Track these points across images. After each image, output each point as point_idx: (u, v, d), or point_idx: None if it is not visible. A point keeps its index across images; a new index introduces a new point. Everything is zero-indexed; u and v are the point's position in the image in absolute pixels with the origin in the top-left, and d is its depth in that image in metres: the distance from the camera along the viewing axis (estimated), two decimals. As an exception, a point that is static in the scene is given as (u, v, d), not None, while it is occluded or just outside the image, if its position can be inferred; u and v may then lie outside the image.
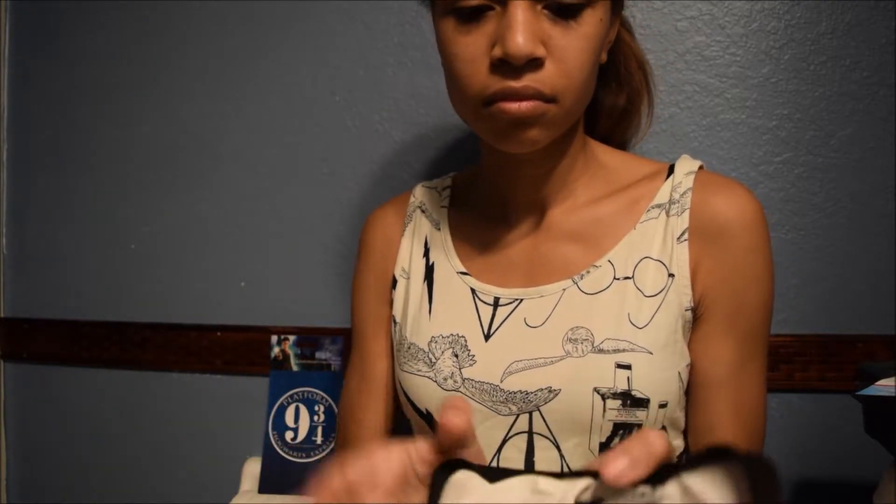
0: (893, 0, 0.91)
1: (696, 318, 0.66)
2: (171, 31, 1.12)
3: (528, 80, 0.58)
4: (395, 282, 0.78)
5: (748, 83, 0.95)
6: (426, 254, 0.76)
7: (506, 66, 0.58)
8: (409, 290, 0.76)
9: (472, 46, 0.60)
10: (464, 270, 0.73)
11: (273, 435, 1.05)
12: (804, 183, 0.94)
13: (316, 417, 1.05)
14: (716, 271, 0.65)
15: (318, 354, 1.06)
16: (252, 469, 1.05)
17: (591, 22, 0.59)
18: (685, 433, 0.69)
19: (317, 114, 1.08)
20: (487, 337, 0.68)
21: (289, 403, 1.06)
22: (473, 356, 0.68)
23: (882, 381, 0.66)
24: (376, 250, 0.81)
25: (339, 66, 1.06)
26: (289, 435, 1.05)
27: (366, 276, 0.81)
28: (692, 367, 0.66)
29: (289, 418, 1.05)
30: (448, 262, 0.74)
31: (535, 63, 0.58)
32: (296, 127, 1.08)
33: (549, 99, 0.59)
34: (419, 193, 0.82)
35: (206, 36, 1.11)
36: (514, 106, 0.59)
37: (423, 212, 0.80)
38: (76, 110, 1.17)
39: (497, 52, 0.58)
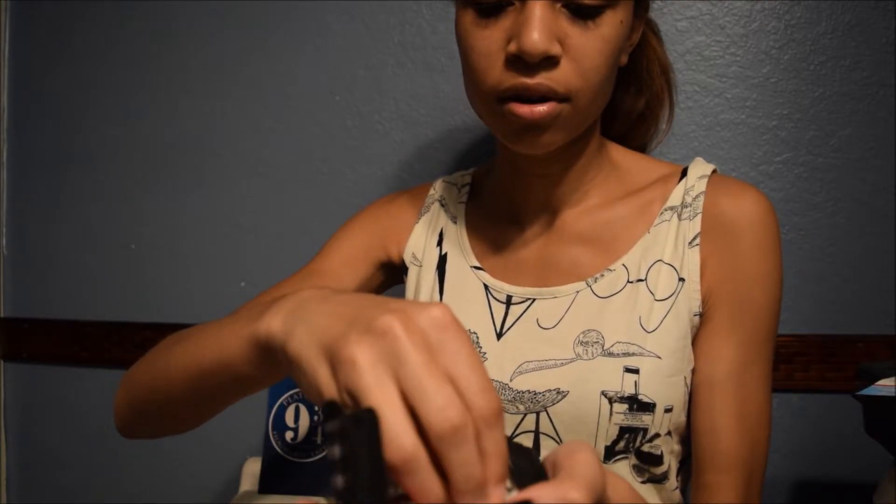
0: (893, 0, 0.91)
1: (702, 317, 0.66)
2: (171, 31, 1.12)
3: (542, 78, 0.58)
4: (405, 269, 0.78)
5: (748, 83, 0.95)
6: (440, 243, 0.76)
7: (521, 62, 0.58)
8: (421, 278, 0.76)
9: (489, 40, 0.59)
10: (478, 265, 0.73)
11: (273, 435, 1.05)
12: (804, 183, 0.94)
13: (316, 418, 1.05)
14: (721, 268, 0.65)
15: (318, 354, 1.05)
16: (252, 469, 1.05)
17: (611, 23, 0.59)
18: (687, 439, 0.68)
19: (317, 114, 1.07)
20: (500, 336, 0.68)
21: (289, 403, 1.06)
22: (485, 353, 0.68)
23: (882, 381, 0.65)
24: (386, 216, 0.80)
25: (339, 66, 1.06)
26: (289, 435, 1.05)
27: (366, 222, 0.80)
28: (695, 367, 0.66)
29: (289, 418, 1.05)
30: (462, 255, 0.74)
31: (550, 61, 0.58)
32: (296, 127, 1.08)
33: (563, 98, 0.59)
34: (439, 187, 0.81)
35: (206, 36, 1.11)
36: (525, 110, 0.59)
37: (441, 206, 0.79)
38: (76, 110, 1.17)
39: (512, 47, 0.58)
